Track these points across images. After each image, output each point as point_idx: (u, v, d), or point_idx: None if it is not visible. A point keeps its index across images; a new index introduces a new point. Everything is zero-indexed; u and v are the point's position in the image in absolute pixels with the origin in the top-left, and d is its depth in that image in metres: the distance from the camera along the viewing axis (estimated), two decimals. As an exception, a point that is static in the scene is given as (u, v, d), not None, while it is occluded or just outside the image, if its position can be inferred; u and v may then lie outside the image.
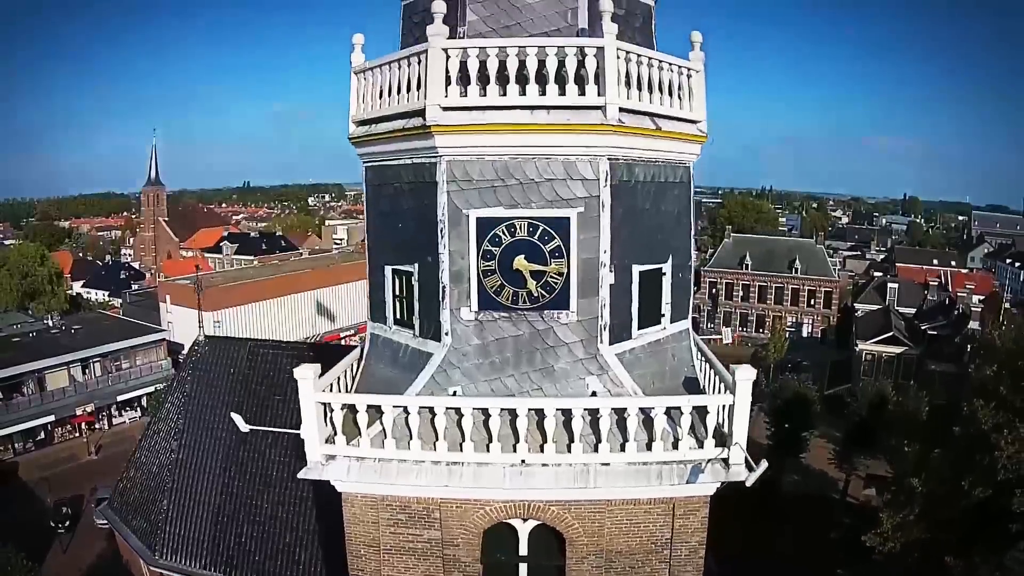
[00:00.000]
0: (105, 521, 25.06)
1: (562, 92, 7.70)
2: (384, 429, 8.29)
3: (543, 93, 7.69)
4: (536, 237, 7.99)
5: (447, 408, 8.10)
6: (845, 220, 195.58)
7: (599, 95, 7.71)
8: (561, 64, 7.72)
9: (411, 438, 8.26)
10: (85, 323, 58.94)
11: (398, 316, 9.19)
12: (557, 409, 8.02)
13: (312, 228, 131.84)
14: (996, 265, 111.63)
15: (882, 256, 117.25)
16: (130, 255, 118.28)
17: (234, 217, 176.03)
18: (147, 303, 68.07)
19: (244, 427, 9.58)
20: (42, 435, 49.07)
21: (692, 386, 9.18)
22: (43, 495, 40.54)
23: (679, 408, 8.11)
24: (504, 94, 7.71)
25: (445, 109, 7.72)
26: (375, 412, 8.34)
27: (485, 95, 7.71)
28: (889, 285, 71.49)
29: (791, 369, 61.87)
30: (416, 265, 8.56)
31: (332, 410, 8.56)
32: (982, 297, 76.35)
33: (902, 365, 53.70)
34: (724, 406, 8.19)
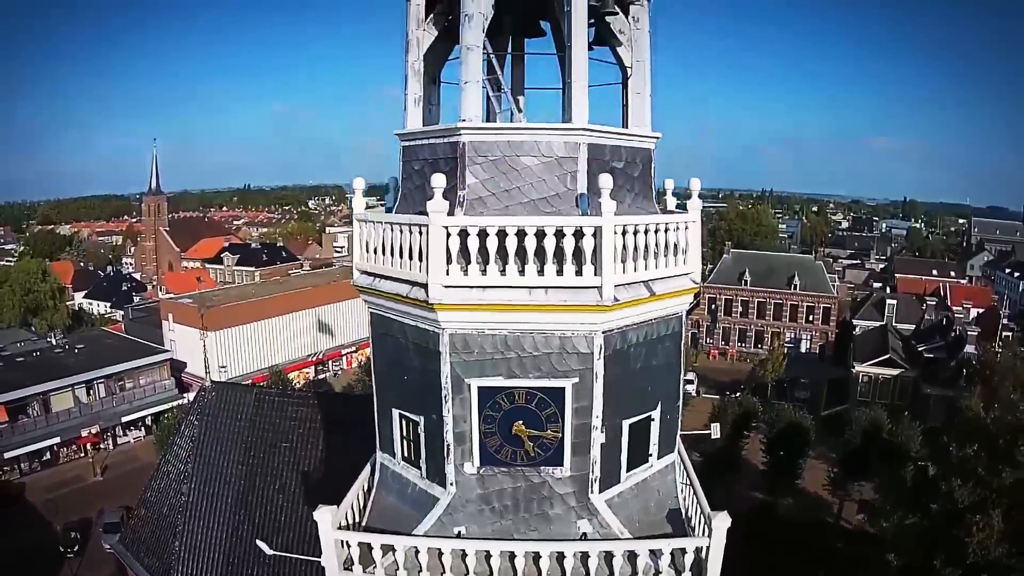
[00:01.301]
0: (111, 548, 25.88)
1: (560, 271, 8.17)
2: (396, 561, 8.95)
3: (541, 273, 8.16)
4: (533, 405, 8.56)
5: (453, 548, 8.76)
6: (845, 225, 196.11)
7: (595, 274, 8.17)
8: (560, 236, 8.14)
9: (421, 570, 8.88)
10: (88, 342, 59.57)
11: (405, 454, 9.80)
12: (551, 551, 8.67)
13: (312, 235, 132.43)
14: (995, 274, 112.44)
15: (881, 266, 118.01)
16: (131, 263, 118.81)
17: (235, 222, 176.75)
18: (149, 319, 68.45)
19: (269, 551, 10.16)
20: (48, 455, 49.76)
21: (675, 518, 9.77)
22: (51, 518, 41.22)
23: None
24: (504, 273, 8.19)
25: (447, 287, 8.24)
26: (388, 545, 9.01)
27: (485, 274, 8.18)
28: (888, 301, 72.04)
29: (788, 388, 62.70)
30: (422, 418, 9.14)
31: (350, 544, 9.21)
32: (981, 311, 77.16)
33: (898, 386, 54.32)
34: (702, 547, 8.76)
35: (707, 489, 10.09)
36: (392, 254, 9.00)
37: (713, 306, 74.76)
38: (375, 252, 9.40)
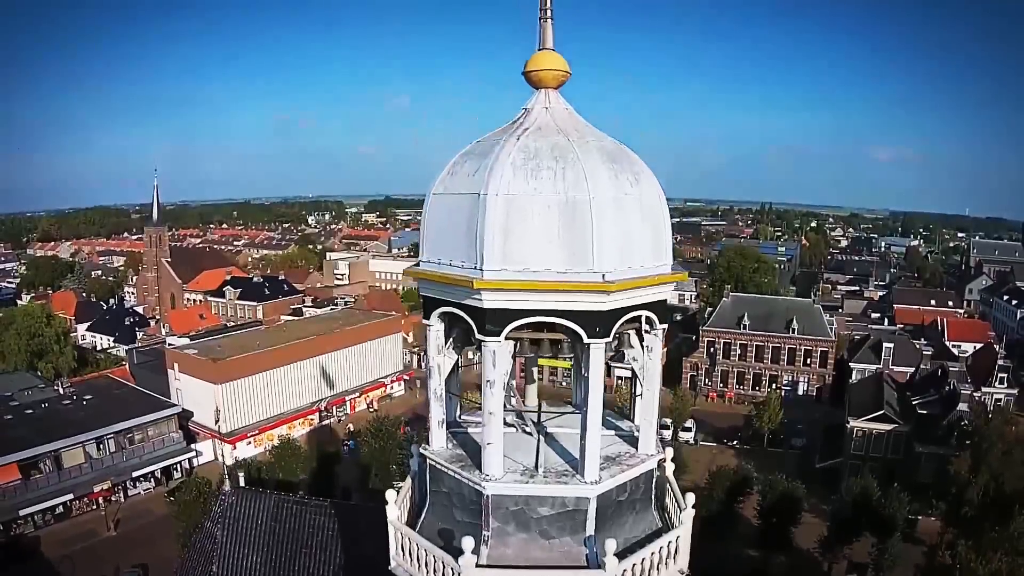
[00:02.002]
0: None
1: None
2: None
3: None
4: None
5: None
6: (844, 243, 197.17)
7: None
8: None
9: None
10: (96, 392, 60.05)
11: None
12: None
13: (313, 263, 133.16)
14: (993, 300, 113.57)
15: (881, 293, 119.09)
16: (133, 293, 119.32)
17: (235, 243, 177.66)
18: (155, 363, 68.96)
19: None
20: (60, 509, 50.46)
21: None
22: (68, 575, 41.75)
23: None
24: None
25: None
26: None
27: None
28: (884, 345, 72.88)
29: (784, 437, 63.56)
30: None
31: None
32: (978, 346, 78.03)
33: (891, 441, 55.20)
34: None
35: (702, 549, 10.66)
36: (425, 567, 9.81)
37: (712, 349, 75.70)
38: (409, 556, 10.17)
